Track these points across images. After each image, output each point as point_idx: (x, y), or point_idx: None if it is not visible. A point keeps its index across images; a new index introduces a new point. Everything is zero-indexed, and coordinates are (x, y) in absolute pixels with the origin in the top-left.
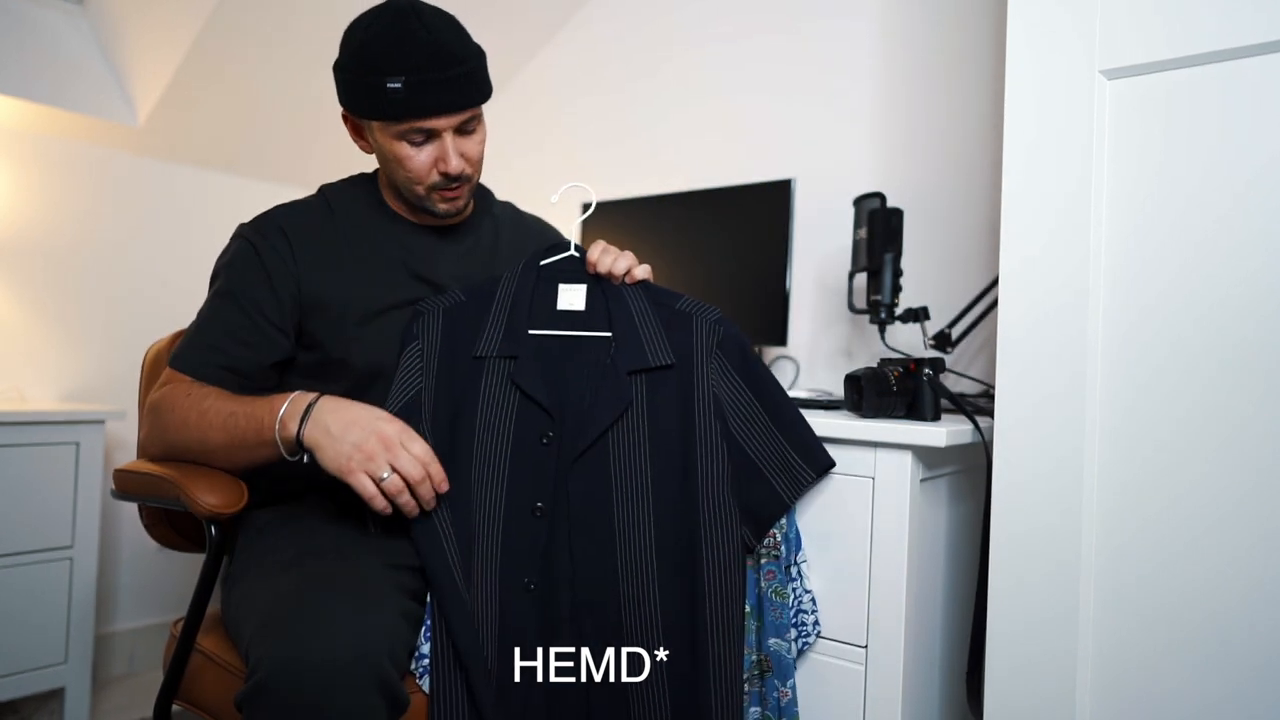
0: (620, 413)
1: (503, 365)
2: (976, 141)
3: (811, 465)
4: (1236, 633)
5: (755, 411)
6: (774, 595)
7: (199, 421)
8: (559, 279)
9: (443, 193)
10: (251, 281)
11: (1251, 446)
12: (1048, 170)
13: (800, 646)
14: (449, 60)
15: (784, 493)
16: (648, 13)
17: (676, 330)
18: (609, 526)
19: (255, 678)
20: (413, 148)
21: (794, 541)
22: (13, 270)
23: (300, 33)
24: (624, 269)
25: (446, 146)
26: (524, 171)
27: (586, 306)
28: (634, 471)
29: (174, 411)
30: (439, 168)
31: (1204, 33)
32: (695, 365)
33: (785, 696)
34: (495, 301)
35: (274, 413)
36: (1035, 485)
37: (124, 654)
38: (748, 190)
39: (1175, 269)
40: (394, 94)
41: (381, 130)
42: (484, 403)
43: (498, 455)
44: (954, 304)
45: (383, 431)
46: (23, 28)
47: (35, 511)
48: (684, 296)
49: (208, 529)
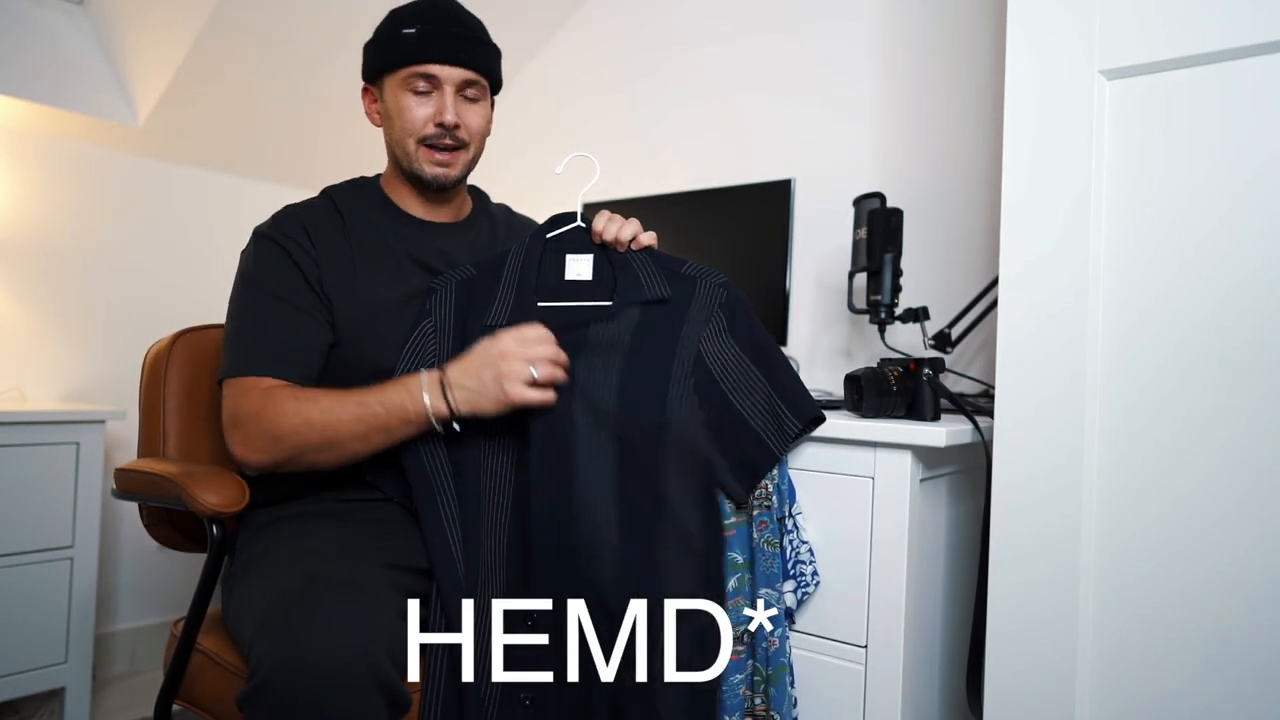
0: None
1: None
2: (976, 141)
3: (798, 417)
4: (1236, 633)
5: (747, 367)
6: (766, 545)
7: (323, 418)
8: (566, 250)
9: (432, 151)
10: (291, 280)
11: (1251, 447)
12: (1048, 170)
13: (800, 597)
14: (462, 23)
15: (772, 444)
16: (647, 13)
17: (679, 287)
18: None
19: (256, 677)
20: (414, 96)
21: (786, 493)
22: (13, 270)
23: (300, 33)
24: (630, 235)
25: (446, 99)
26: (523, 171)
27: (594, 276)
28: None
29: (285, 417)
30: (435, 119)
31: (1204, 33)
32: (687, 320)
33: (773, 645)
34: (504, 273)
35: (415, 398)
36: (1035, 485)
37: (124, 654)
38: (748, 190)
39: (1175, 269)
40: (407, 39)
41: (391, 82)
42: None
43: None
44: (954, 304)
45: (501, 350)
46: (23, 28)
47: (35, 511)
48: (689, 261)
49: (209, 528)
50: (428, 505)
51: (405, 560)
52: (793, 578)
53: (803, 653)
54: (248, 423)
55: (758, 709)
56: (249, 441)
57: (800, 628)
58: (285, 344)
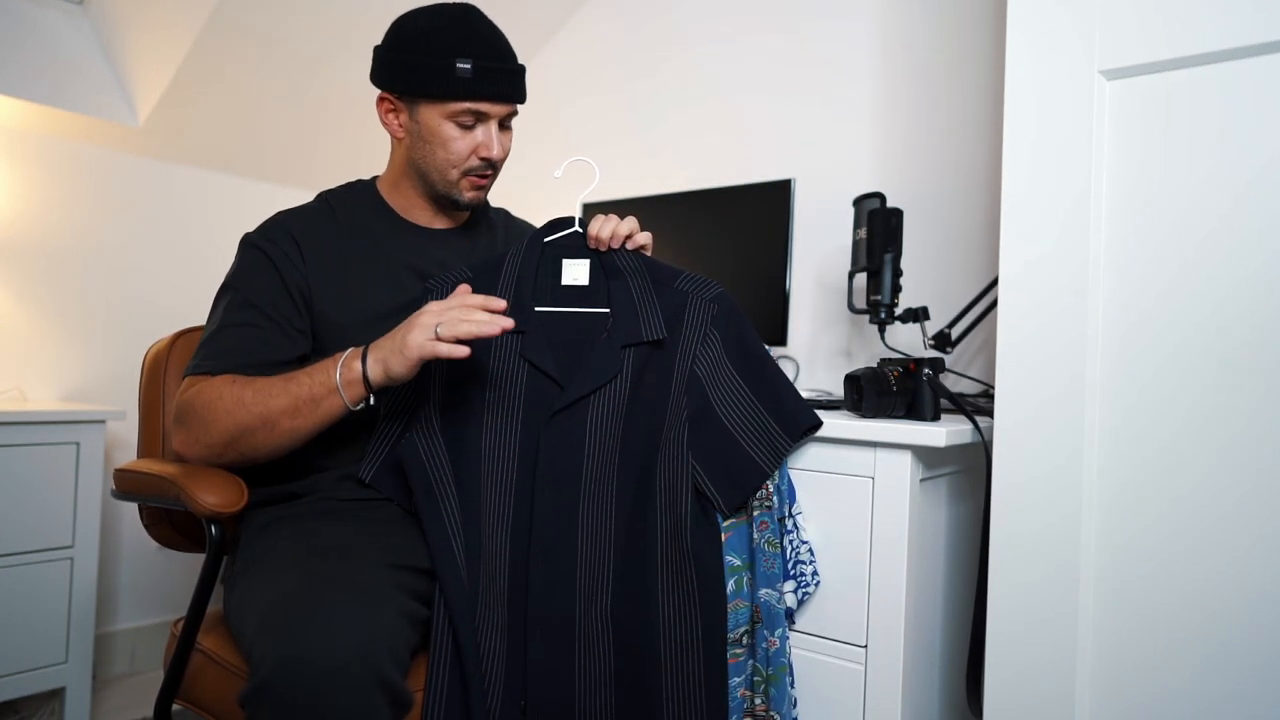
0: (605, 382)
1: (511, 339)
2: (976, 141)
3: (789, 433)
4: (1236, 633)
5: (737, 385)
6: (767, 546)
7: (255, 396)
8: (563, 255)
9: (474, 179)
10: (266, 286)
11: (1252, 447)
12: (1048, 170)
13: (801, 597)
14: (509, 55)
15: (762, 461)
16: (646, 13)
17: (671, 309)
18: (575, 486)
19: (257, 677)
20: (459, 129)
21: (786, 493)
22: (13, 270)
23: (300, 33)
24: (625, 232)
25: (492, 133)
26: (523, 172)
27: (590, 281)
28: (606, 437)
29: (220, 400)
30: (480, 152)
31: (1204, 33)
32: (680, 343)
33: (773, 645)
34: (501, 277)
35: (336, 362)
36: (1035, 485)
37: (124, 654)
38: (748, 190)
39: (1175, 269)
40: (462, 73)
41: (432, 109)
42: (494, 373)
43: (509, 428)
44: (954, 304)
45: (420, 312)
46: (23, 28)
47: (35, 511)
48: (683, 273)
49: (208, 528)
50: (429, 506)
51: (406, 560)
52: (793, 578)
53: (803, 653)
54: (187, 412)
55: (758, 709)
56: (189, 431)
57: (800, 628)
58: (246, 348)
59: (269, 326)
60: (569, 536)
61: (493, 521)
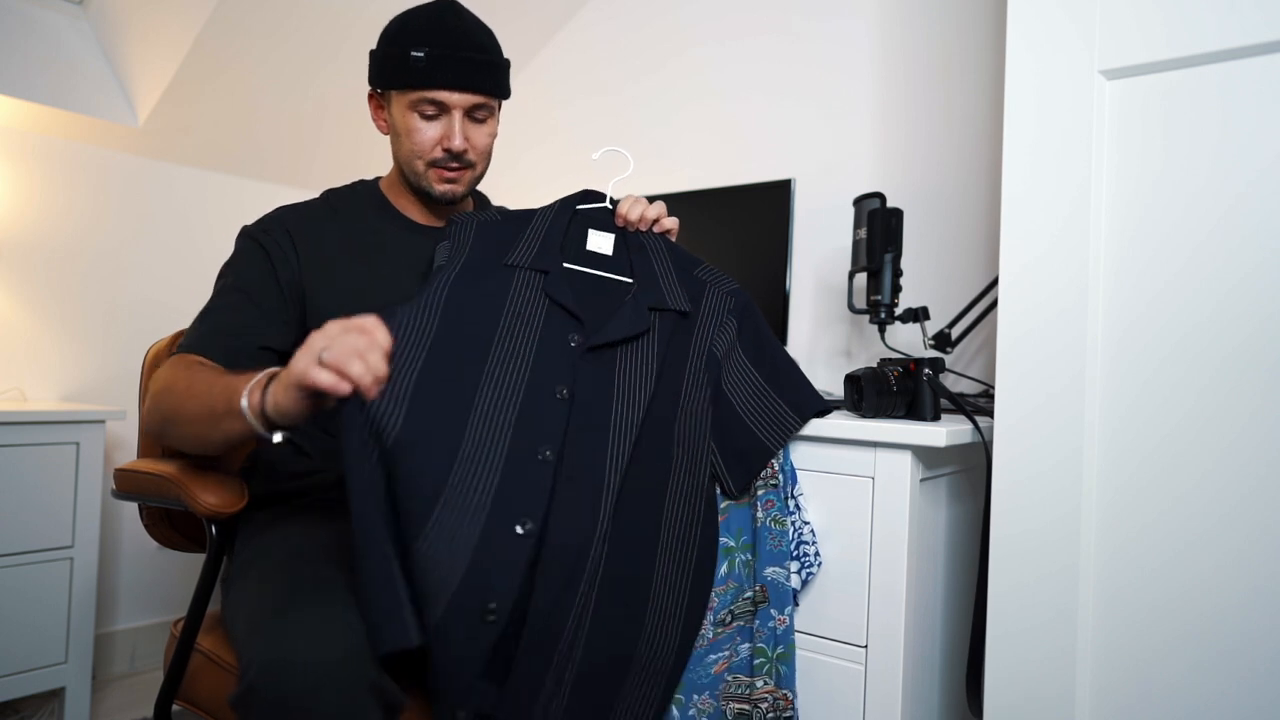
0: (636, 334)
1: (534, 278)
2: (976, 141)
3: (800, 414)
4: (1236, 632)
5: (748, 369)
6: (773, 524)
7: (182, 387)
8: (590, 225)
9: (441, 171)
10: (255, 273)
11: (1251, 447)
12: (1048, 170)
13: (805, 578)
14: (471, 45)
15: (769, 442)
16: (647, 13)
17: (691, 292)
18: (606, 415)
19: (245, 679)
20: (422, 120)
21: (790, 474)
22: (13, 270)
23: (300, 33)
24: (654, 216)
25: (454, 124)
26: (524, 172)
27: (614, 254)
28: (635, 391)
29: (162, 379)
30: (443, 144)
31: (1204, 33)
32: (698, 326)
33: (782, 624)
34: (531, 225)
35: (247, 379)
36: (1035, 485)
37: (124, 654)
38: (748, 190)
39: (1175, 269)
40: (415, 62)
41: (398, 100)
42: (511, 306)
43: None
44: (954, 304)
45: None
46: (23, 28)
47: (35, 511)
48: (703, 263)
49: (208, 528)
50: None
51: None
52: (797, 558)
53: (803, 652)
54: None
55: (759, 691)
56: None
57: (800, 627)
58: (227, 332)
59: (253, 314)
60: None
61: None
